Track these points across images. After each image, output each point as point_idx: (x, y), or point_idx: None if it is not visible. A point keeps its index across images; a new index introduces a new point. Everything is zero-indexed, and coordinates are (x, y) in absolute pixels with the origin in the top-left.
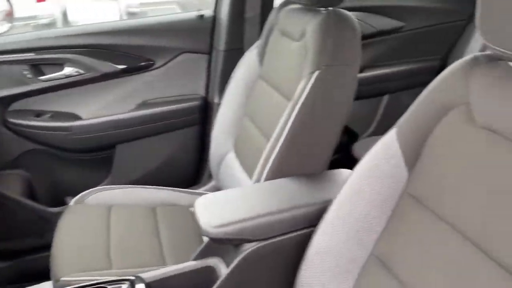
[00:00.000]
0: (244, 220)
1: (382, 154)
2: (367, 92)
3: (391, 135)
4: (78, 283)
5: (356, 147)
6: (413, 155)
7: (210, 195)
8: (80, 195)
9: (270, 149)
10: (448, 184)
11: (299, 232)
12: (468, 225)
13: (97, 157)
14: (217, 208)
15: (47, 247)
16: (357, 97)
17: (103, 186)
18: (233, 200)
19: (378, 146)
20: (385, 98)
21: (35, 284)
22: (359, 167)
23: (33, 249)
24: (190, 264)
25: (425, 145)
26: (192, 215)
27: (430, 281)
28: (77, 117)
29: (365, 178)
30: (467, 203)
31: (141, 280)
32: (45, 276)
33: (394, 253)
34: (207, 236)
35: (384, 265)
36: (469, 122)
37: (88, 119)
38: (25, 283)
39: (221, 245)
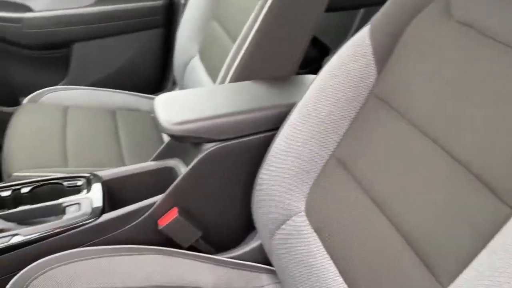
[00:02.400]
0: (205, 118)
1: (351, 52)
2: (341, 3)
3: (363, 32)
4: (32, 179)
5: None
6: (384, 54)
7: (171, 93)
8: (34, 93)
9: (236, 51)
10: (416, 82)
11: (261, 135)
12: (431, 124)
13: (53, 56)
14: (177, 106)
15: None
16: (330, 8)
17: (59, 86)
18: (195, 99)
19: (348, 44)
20: (361, 11)
21: None
22: (326, 67)
23: None
24: (150, 164)
25: (398, 42)
26: (153, 120)
27: (389, 183)
28: (28, 9)
29: (330, 77)
30: (433, 101)
31: (98, 178)
32: None
33: (355, 154)
34: (166, 133)
35: (344, 166)
36: (446, 16)
37: (41, 11)
38: None
39: (182, 143)
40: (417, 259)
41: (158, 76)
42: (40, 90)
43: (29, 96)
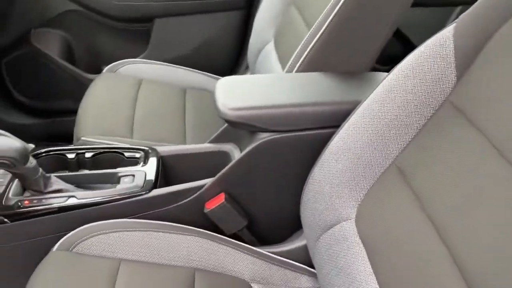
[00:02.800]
0: (263, 107)
1: (430, 52)
2: None
3: (447, 32)
4: (97, 145)
5: None
6: (467, 59)
7: (235, 77)
8: (113, 64)
9: (308, 40)
10: (501, 96)
11: (319, 131)
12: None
13: (136, 29)
14: (237, 91)
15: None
16: (421, 3)
17: (137, 59)
18: (257, 85)
19: (428, 43)
20: (457, 9)
21: (61, 143)
22: (399, 65)
23: (65, 111)
24: (206, 146)
25: (485, 47)
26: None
27: (451, 205)
28: None
29: (402, 78)
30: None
31: (156, 152)
32: (71, 138)
33: (418, 166)
34: (221, 117)
35: (404, 177)
36: None
37: None
38: (55, 142)
39: (238, 129)
40: (464, 285)
41: (232, 59)
42: (119, 61)
43: (109, 66)
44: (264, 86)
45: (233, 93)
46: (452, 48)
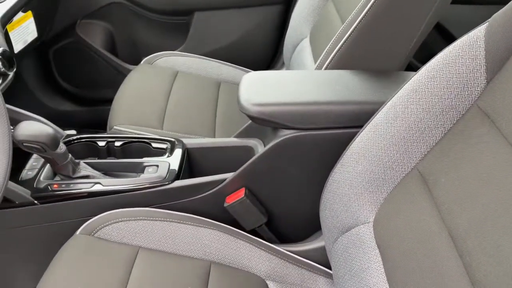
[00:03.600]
0: (285, 104)
1: (460, 52)
2: None
3: (478, 31)
4: (127, 134)
5: None
6: (498, 61)
7: (262, 72)
8: (151, 55)
9: (340, 35)
10: None
11: (342, 130)
12: None
13: (175, 22)
14: (262, 86)
15: None
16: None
17: (175, 51)
18: (282, 82)
19: (458, 43)
20: None
21: (101, 131)
22: (426, 65)
23: (106, 100)
24: (231, 140)
25: None
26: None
27: (472, 215)
28: None
29: (428, 79)
30: None
31: (182, 144)
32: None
33: (440, 173)
34: (243, 112)
35: (426, 184)
36: None
37: None
38: (95, 129)
39: (261, 125)
40: None
41: (269, 54)
42: (157, 53)
43: (146, 58)
44: (289, 83)
45: (257, 89)
46: (483, 49)
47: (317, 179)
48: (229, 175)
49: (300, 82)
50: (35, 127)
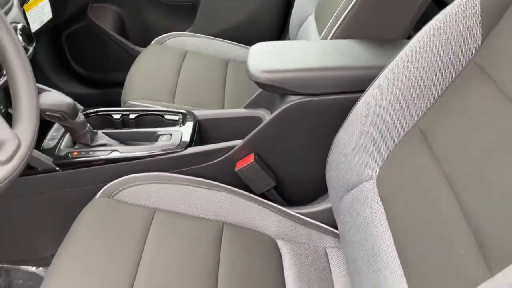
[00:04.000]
0: (293, 70)
1: (456, 11)
2: None
3: None
4: (140, 108)
5: None
6: (493, 17)
7: (269, 42)
8: (161, 36)
9: (343, 7)
10: None
11: (347, 95)
12: None
13: (183, 4)
14: (269, 55)
15: None
16: None
17: (184, 32)
18: (289, 51)
19: (455, 3)
20: None
21: None
22: (425, 27)
23: (118, 83)
24: (240, 111)
25: (509, 7)
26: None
27: (467, 162)
28: None
29: (426, 39)
30: None
31: (193, 116)
32: None
33: (439, 127)
34: (252, 79)
35: (426, 138)
36: None
37: None
38: None
39: (270, 94)
40: (474, 243)
41: (275, 33)
42: (167, 34)
43: (156, 38)
44: (296, 51)
45: (265, 57)
46: (479, 7)
47: (323, 143)
48: (238, 142)
49: (307, 50)
50: (56, 97)
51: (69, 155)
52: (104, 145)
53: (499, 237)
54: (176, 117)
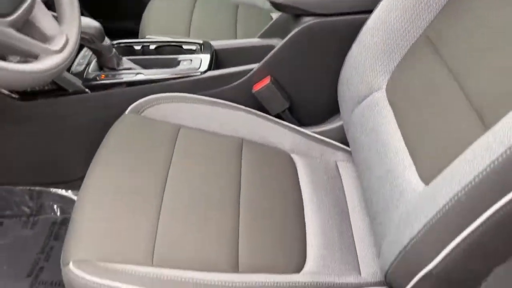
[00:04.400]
0: None
1: None
2: None
3: None
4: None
5: None
6: None
7: None
8: None
9: None
10: None
11: (361, 16)
12: None
13: None
14: None
15: None
16: None
17: None
18: None
19: None
20: None
21: None
22: None
23: (129, 32)
24: (254, 40)
25: None
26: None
27: (470, 56)
28: None
29: None
30: None
31: (210, 45)
32: None
33: (446, 32)
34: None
35: (433, 45)
36: None
37: None
38: None
39: (284, 12)
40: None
41: None
42: None
43: None
44: None
45: None
46: None
47: (335, 64)
48: (255, 65)
49: None
50: (85, 21)
51: (97, 77)
52: (129, 69)
53: (495, 106)
54: (193, 47)
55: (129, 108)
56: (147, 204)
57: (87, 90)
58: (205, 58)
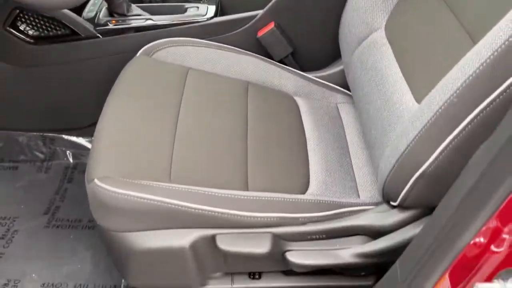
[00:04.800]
0: None
1: None
2: None
3: None
4: None
5: None
6: None
7: None
8: None
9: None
10: None
11: None
12: None
13: None
14: None
15: None
16: None
17: None
18: None
19: None
20: None
21: None
22: None
23: None
24: None
25: None
26: None
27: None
28: None
29: None
30: None
31: None
32: None
33: None
34: None
35: None
36: None
37: None
38: None
39: None
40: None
41: None
42: None
43: None
44: None
45: None
46: None
47: (337, 9)
48: (259, 11)
49: None
50: None
51: (108, 23)
52: (139, 15)
53: (483, 22)
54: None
55: (140, 51)
56: (162, 131)
57: (98, 35)
58: (211, 6)
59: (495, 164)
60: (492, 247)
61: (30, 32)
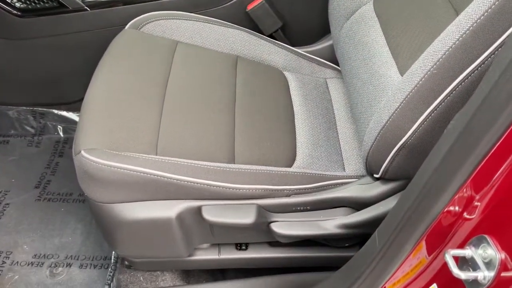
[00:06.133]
0: None
1: None
2: None
3: None
4: None
5: None
6: None
7: None
8: None
9: None
10: None
11: None
12: None
13: None
14: None
15: None
16: None
17: None
18: None
19: None
20: None
21: None
22: None
23: None
24: None
25: None
26: None
27: None
28: None
29: None
30: None
31: None
32: None
33: None
34: None
35: None
36: None
37: None
38: None
39: None
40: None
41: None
42: None
43: None
44: None
45: None
46: None
47: None
48: None
49: None
50: None
51: None
52: None
53: None
54: None
55: (128, 24)
56: (149, 104)
57: (86, 7)
58: None
59: (467, 132)
60: (465, 214)
61: (17, 5)
